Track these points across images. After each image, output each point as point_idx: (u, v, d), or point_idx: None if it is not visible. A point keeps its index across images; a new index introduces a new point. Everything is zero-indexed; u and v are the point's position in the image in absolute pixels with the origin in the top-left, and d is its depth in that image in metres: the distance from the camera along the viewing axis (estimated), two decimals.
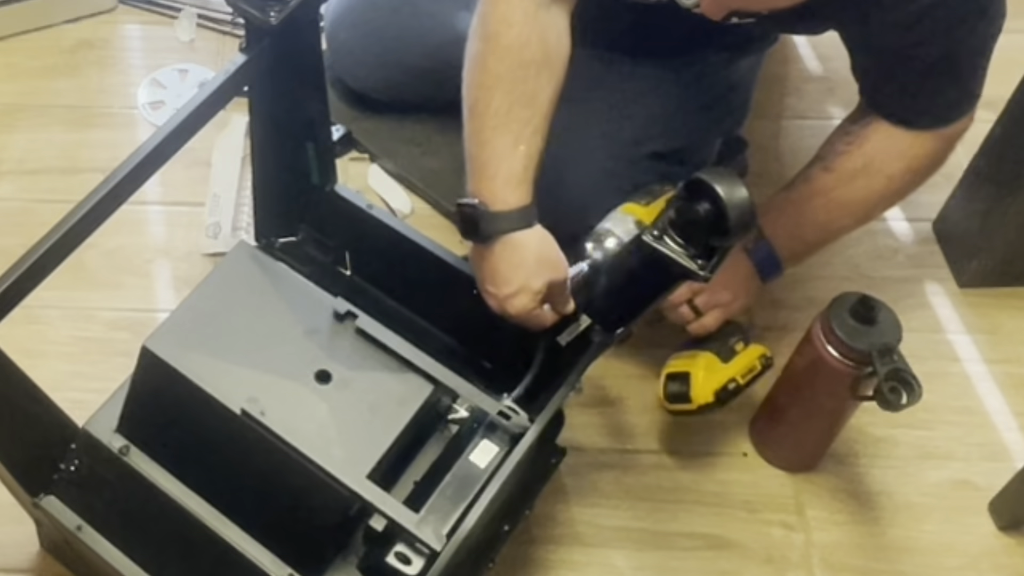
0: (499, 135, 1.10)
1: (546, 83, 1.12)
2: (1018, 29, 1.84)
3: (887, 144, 1.22)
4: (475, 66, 1.13)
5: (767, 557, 1.27)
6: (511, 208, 1.09)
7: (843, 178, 1.24)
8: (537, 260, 1.09)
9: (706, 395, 1.26)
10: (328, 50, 1.56)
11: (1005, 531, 1.30)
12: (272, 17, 0.95)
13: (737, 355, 1.28)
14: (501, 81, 1.11)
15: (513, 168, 1.09)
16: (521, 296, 1.08)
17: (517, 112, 1.10)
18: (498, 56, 1.11)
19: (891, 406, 1.10)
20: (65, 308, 1.44)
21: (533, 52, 1.11)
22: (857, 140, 1.23)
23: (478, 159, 1.11)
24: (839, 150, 1.24)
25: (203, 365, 1.02)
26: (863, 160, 1.22)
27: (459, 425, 1.08)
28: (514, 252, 1.09)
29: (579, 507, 1.30)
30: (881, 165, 1.23)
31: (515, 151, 1.10)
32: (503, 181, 1.09)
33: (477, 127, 1.11)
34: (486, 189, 1.09)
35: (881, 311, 1.15)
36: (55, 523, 1.07)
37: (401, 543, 0.96)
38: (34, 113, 1.68)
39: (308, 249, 1.22)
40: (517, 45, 1.11)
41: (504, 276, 1.09)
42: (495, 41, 1.11)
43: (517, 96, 1.11)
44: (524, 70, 1.11)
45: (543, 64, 1.12)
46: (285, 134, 1.13)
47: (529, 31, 1.11)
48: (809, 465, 1.33)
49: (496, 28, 1.11)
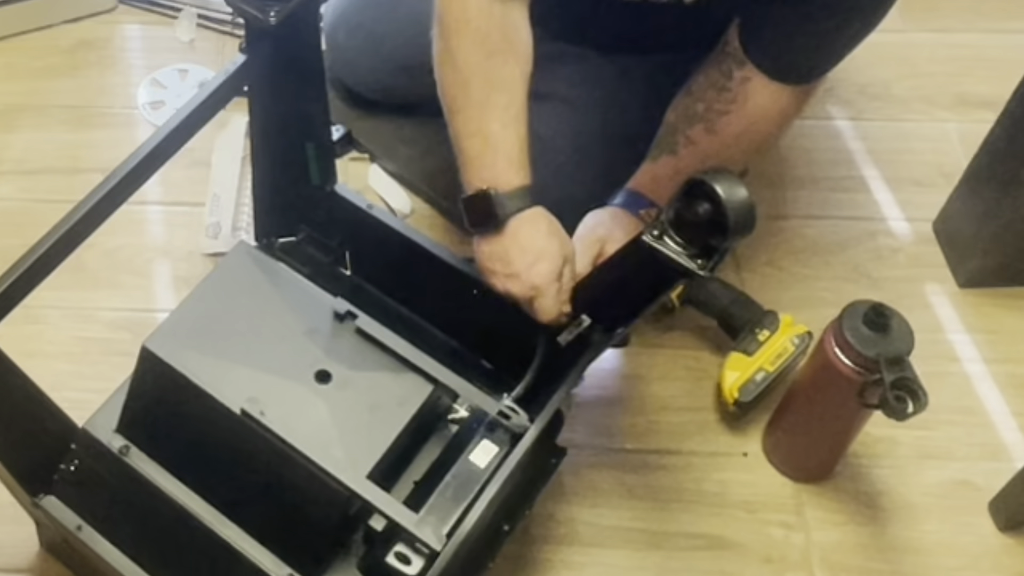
0: (486, 122, 1.11)
1: (516, 69, 1.14)
2: (1018, 29, 1.85)
3: (768, 103, 1.22)
4: (445, 66, 1.15)
5: (767, 557, 1.27)
6: (517, 187, 1.10)
7: (727, 141, 1.24)
8: (550, 230, 1.11)
9: (732, 393, 1.31)
10: (327, 51, 1.56)
11: (1005, 531, 1.30)
12: (272, 17, 0.95)
13: (763, 345, 1.31)
14: (474, 74, 1.12)
15: (510, 150, 1.11)
16: (543, 262, 1.09)
17: (496, 98, 1.12)
18: (464, 51, 1.13)
19: (897, 414, 1.11)
20: (65, 308, 1.44)
21: (496, 42, 1.13)
22: (738, 99, 1.22)
23: (471, 150, 1.12)
24: (719, 109, 1.23)
25: (203, 365, 1.02)
26: (747, 121, 1.23)
27: (459, 425, 1.08)
28: (530, 226, 1.10)
29: (579, 507, 1.30)
30: (762, 125, 1.24)
31: (505, 134, 1.11)
32: (504, 163, 1.10)
33: (462, 121, 1.13)
34: (489, 175, 1.10)
35: (894, 319, 1.16)
36: (55, 523, 1.07)
37: (401, 543, 0.96)
38: (34, 113, 1.68)
39: (308, 249, 1.22)
40: (479, 37, 1.12)
41: (523, 248, 1.10)
42: (457, 37, 1.13)
43: (493, 84, 1.12)
44: (492, 59, 1.12)
45: (508, 52, 1.13)
46: (285, 134, 1.13)
47: (487, 23, 1.12)
48: (819, 476, 1.33)
49: (455, 26, 1.13)
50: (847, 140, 1.68)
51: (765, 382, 1.32)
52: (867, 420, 1.24)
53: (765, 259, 1.52)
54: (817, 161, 1.64)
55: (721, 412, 1.37)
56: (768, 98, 1.22)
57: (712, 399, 1.39)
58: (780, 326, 1.35)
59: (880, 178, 1.63)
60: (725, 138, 1.23)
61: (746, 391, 1.32)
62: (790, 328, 1.35)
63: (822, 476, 1.33)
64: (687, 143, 1.26)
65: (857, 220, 1.58)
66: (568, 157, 1.37)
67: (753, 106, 1.22)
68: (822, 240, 1.55)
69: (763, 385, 1.32)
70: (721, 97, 1.23)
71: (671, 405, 1.39)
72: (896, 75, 1.75)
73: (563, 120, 1.39)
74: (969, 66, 1.77)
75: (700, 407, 1.39)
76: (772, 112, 1.23)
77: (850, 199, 1.61)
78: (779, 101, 1.23)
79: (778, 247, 1.54)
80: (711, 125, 1.24)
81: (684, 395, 1.40)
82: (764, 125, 1.24)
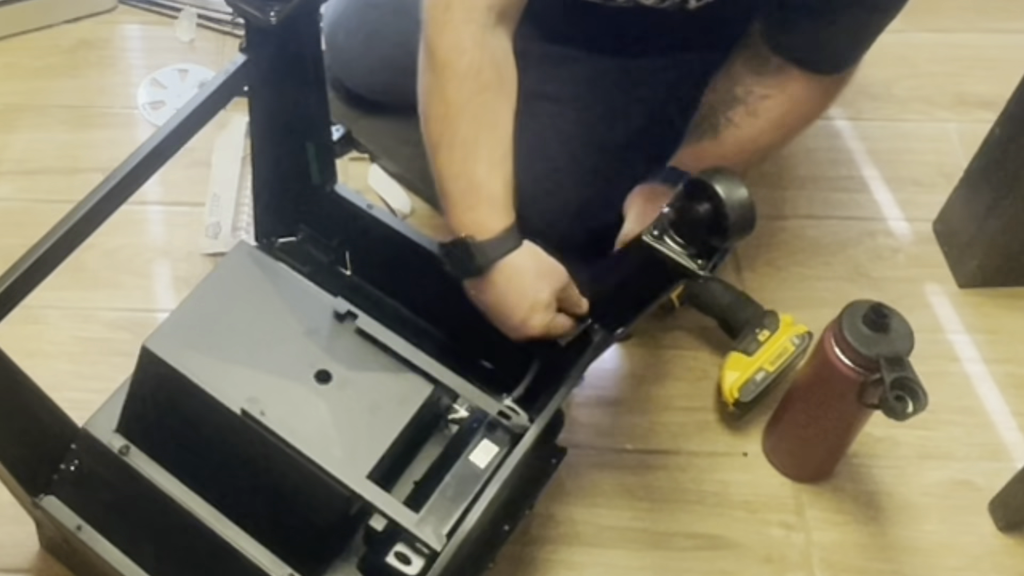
0: (471, 164, 1.08)
1: (505, 106, 1.10)
2: (1018, 29, 1.85)
3: (805, 91, 1.22)
4: (433, 99, 1.10)
5: (767, 557, 1.27)
6: (498, 233, 1.07)
7: (767, 126, 1.23)
8: (537, 275, 1.08)
9: (732, 393, 1.31)
10: (327, 51, 1.55)
11: (1005, 531, 1.30)
12: (272, 17, 0.95)
13: (762, 345, 1.32)
14: (463, 111, 1.08)
15: (494, 193, 1.07)
16: (535, 315, 1.07)
17: (485, 138, 1.08)
18: (455, 85, 1.08)
19: (896, 414, 1.11)
20: (65, 308, 1.44)
21: (488, 77, 1.09)
22: (777, 83, 1.21)
23: (454, 193, 1.08)
24: (760, 93, 1.22)
25: (203, 365, 1.02)
26: (787, 106, 1.22)
27: (459, 425, 1.08)
28: (513, 275, 1.07)
29: (579, 507, 1.30)
30: (803, 108, 1.24)
31: (491, 176, 1.07)
32: (487, 208, 1.07)
33: (446, 160, 1.09)
34: (470, 220, 1.07)
35: (894, 319, 1.16)
36: (55, 523, 1.07)
37: (401, 543, 0.96)
38: (34, 113, 1.68)
39: (308, 249, 1.22)
40: (472, 72, 1.08)
41: (512, 302, 1.08)
42: (450, 70, 1.08)
43: (482, 123, 1.08)
44: (483, 95, 1.08)
45: (499, 88, 1.10)
46: (285, 134, 1.13)
47: (481, 56, 1.08)
48: (818, 476, 1.33)
49: (447, 56, 1.08)
50: (847, 140, 1.68)
51: (765, 382, 1.32)
52: (867, 420, 1.24)
53: (765, 259, 1.52)
54: (817, 161, 1.64)
55: (721, 412, 1.37)
56: (804, 86, 1.21)
57: (712, 399, 1.39)
58: (780, 326, 1.35)
59: (880, 178, 1.63)
60: (765, 123, 1.23)
61: (746, 391, 1.32)
62: (790, 328, 1.36)
63: (822, 476, 1.33)
64: (728, 124, 1.24)
65: (857, 220, 1.58)
66: (563, 161, 1.36)
67: (791, 93, 1.21)
68: (822, 240, 1.55)
69: (763, 385, 1.32)
70: (761, 81, 1.22)
71: (671, 405, 1.39)
72: (896, 75, 1.75)
73: (560, 123, 1.39)
74: (969, 66, 1.77)
75: (700, 407, 1.39)
76: (810, 99, 1.23)
77: (850, 199, 1.61)
78: (815, 89, 1.22)
79: (778, 247, 1.54)
80: (752, 108, 1.23)
81: (684, 395, 1.40)
82: (804, 108, 1.24)
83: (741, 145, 1.23)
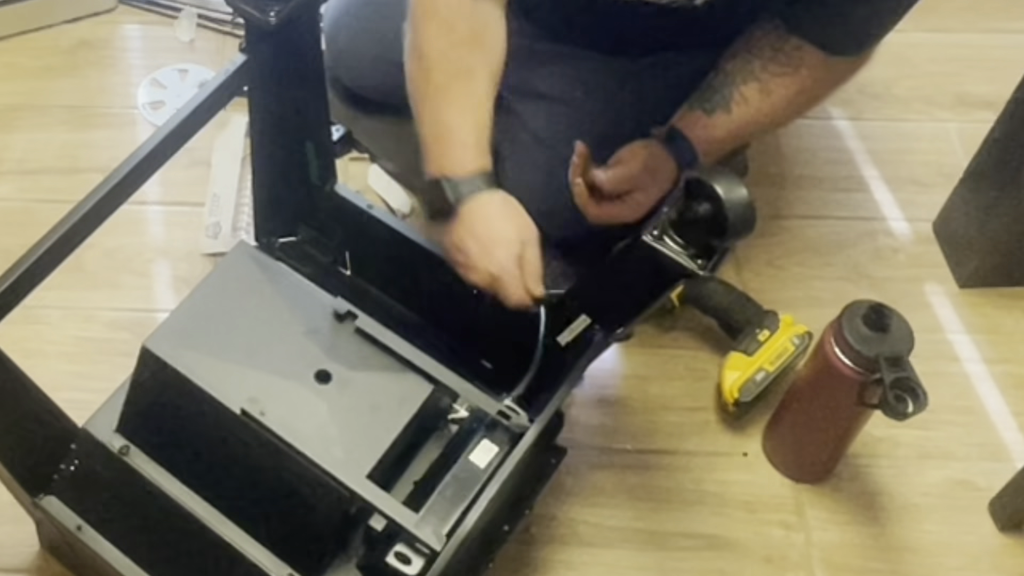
0: (443, 109, 1.12)
1: (480, 61, 1.14)
2: (1018, 29, 1.85)
3: (822, 73, 1.22)
4: (411, 57, 1.16)
5: (767, 557, 1.27)
6: (470, 172, 1.10)
7: (779, 104, 1.24)
8: (505, 218, 1.09)
9: (732, 393, 1.32)
10: (327, 51, 1.56)
11: (1005, 531, 1.30)
12: (272, 17, 0.95)
13: (762, 345, 1.32)
14: (435, 61, 1.13)
15: (465, 136, 1.11)
16: (497, 250, 1.07)
17: (456, 86, 1.12)
18: (429, 40, 1.14)
19: (896, 414, 1.11)
20: (65, 308, 1.44)
21: (462, 33, 1.13)
22: (792, 63, 1.22)
23: (429, 138, 1.13)
24: (775, 71, 1.22)
25: (203, 365, 1.02)
26: (800, 86, 1.22)
27: (459, 425, 1.08)
28: (481, 209, 1.09)
29: (579, 507, 1.30)
30: (817, 90, 1.24)
31: (463, 121, 1.11)
32: (459, 149, 1.10)
33: (423, 109, 1.14)
34: (444, 161, 1.11)
35: (893, 319, 1.16)
36: (55, 523, 1.07)
37: (401, 543, 0.96)
38: (34, 113, 1.68)
39: (308, 249, 1.22)
40: (445, 28, 1.13)
41: (476, 236, 1.08)
42: (423, 30, 1.14)
43: (454, 72, 1.13)
44: (456, 50, 1.13)
45: (474, 44, 1.14)
46: (285, 134, 1.13)
47: (455, 15, 1.13)
48: (819, 476, 1.33)
49: (423, 16, 1.14)
50: (847, 140, 1.68)
51: (765, 382, 1.32)
52: (867, 420, 1.24)
53: (765, 259, 1.52)
54: (817, 161, 1.64)
55: (721, 412, 1.38)
56: (821, 67, 1.21)
57: (712, 399, 1.39)
58: (780, 326, 1.36)
59: (880, 178, 1.63)
60: (777, 101, 1.23)
61: (746, 391, 1.32)
62: (790, 328, 1.36)
63: (822, 476, 1.33)
64: (741, 101, 1.24)
65: (857, 220, 1.58)
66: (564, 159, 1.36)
67: (807, 73, 1.21)
68: (822, 240, 1.55)
69: (763, 385, 1.32)
70: (777, 58, 1.22)
71: (671, 405, 1.39)
72: (896, 75, 1.75)
73: (561, 121, 1.39)
74: (969, 66, 1.77)
75: (700, 407, 1.39)
76: (826, 80, 1.23)
77: (850, 199, 1.61)
78: (831, 71, 1.22)
79: (778, 247, 1.54)
80: (766, 86, 1.23)
81: (684, 395, 1.40)
82: (818, 90, 1.25)
83: (751, 119, 1.24)
